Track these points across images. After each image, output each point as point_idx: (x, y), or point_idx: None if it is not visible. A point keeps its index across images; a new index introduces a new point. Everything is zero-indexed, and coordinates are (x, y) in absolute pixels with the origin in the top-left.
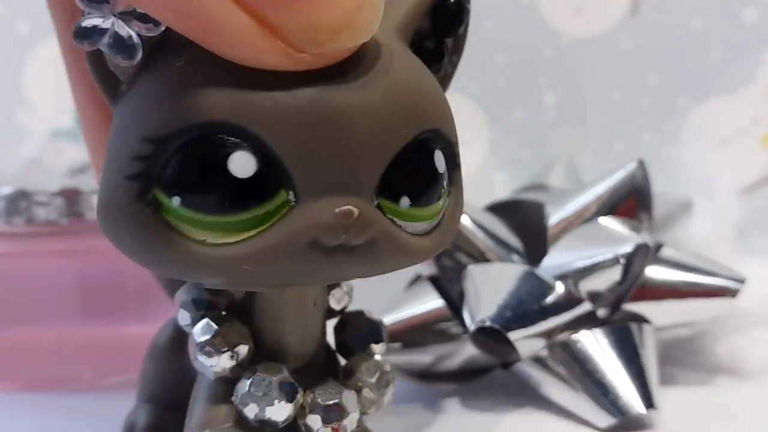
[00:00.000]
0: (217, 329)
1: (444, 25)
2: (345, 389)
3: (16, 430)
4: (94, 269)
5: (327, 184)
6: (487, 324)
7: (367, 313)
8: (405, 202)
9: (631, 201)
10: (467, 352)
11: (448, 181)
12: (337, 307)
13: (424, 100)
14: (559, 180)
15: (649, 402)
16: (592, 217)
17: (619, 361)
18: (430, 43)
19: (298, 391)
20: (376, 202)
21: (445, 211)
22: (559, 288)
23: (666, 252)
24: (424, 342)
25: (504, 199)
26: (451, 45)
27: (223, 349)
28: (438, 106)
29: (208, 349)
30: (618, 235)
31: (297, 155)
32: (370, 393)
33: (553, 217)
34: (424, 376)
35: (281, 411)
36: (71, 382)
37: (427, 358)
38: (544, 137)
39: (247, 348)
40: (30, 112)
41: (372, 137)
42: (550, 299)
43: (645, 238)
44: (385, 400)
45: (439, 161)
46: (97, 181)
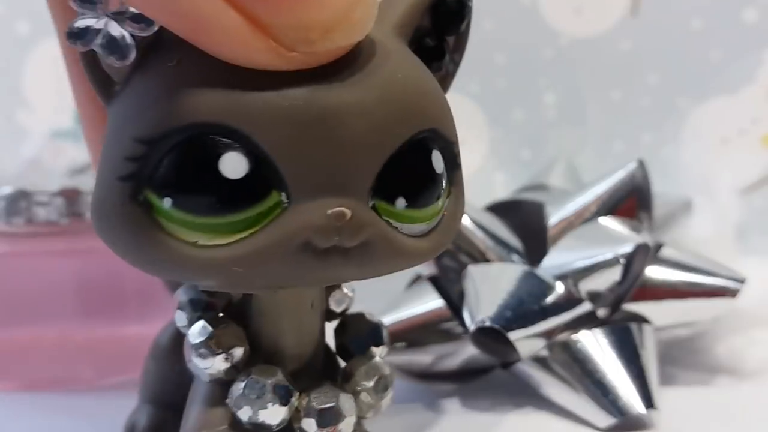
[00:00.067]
0: (212, 331)
1: (444, 23)
2: (342, 393)
3: (16, 430)
4: (94, 269)
5: (320, 185)
6: (487, 324)
7: (368, 316)
8: (401, 203)
9: (631, 201)
10: (467, 352)
11: (447, 182)
12: (338, 309)
13: (420, 99)
14: (559, 180)
15: (649, 402)
16: (592, 217)
17: (619, 361)
18: (431, 42)
19: (292, 394)
20: (371, 203)
21: (444, 212)
22: (559, 288)
23: (666, 252)
24: (424, 342)
25: (504, 199)
26: (452, 43)
27: (218, 351)
28: (436, 105)
29: (203, 351)
30: (618, 235)
31: (289, 156)
32: (368, 397)
33: (553, 217)
34: (424, 376)
35: (275, 414)
36: (71, 382)
37: (427, 358)
38: (544, 137)
39: (242, 350)
40: (30, 112)
41: (366, 137)
42: (550, 299)
43: (645, 238)
44: (384, 404)
45: (437, 161)
46: None
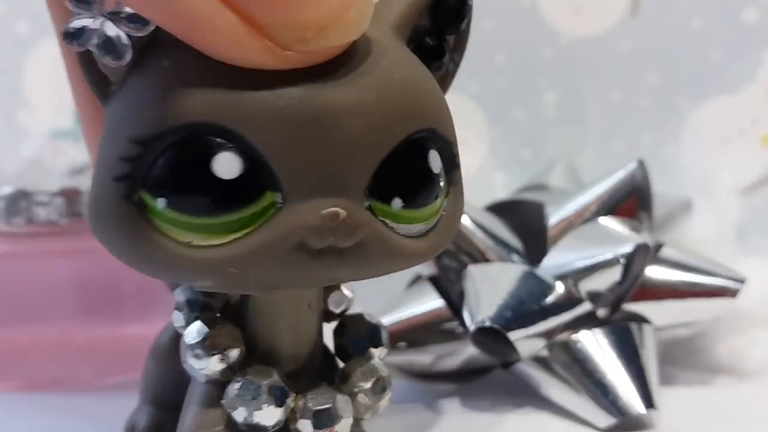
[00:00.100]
0: (207, 332)
1: (444, 22)
2: (338, 394)
3: (16, 430)
4: (94, 269)
5: (315, 186)
6: (487, 324)
7: (367, 317)
8: (397, 203)
9: (631, 201)
10: (467, 352)
11: (446, 182)
12: (337, 310)
13: (417, 98)
14: (559, 180)
15: (649, 402)
16: (592, 217)
17: (619, 361)
18: (431, 41)
19: (288, 396)
20: (366, 204)
21: (443, 212)
22: (559, 288)
23: (666, 252)
24: (424, 342)
25: (504, 199)
26: (452, 42)
27: (213, 352)
28: (434, 105)
29: (198, 352)
30: (618, 235)
31: (283, 156)
32: (365, 398)
33: (553, 217)
34: (424, 376)
35: (270, 415)
36: (71, 382)
37: (427, 358)
38: (544, 137)
39: (238, 351)
40: (30, 112)
41: (361, 137)
42: (550, 299)
43: (645, 238)
44: (381, 405)
45: (435, 161)
46: None
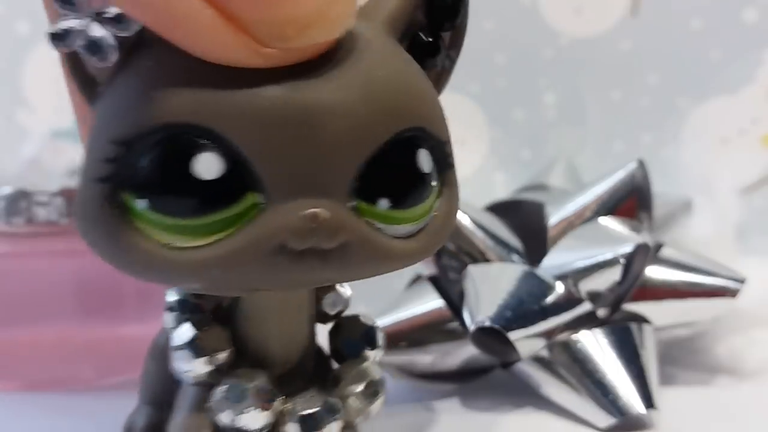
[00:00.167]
0: (195, 334)
1: (439, 18)
2: (327, 398)
3: (16, 430)
4: (94, 269)
5: (297, 186)
6: (487, 324)
7: (362, 318)
8: (384, 203)
9: (631, 201)
10: (467, 352)
11: (439, 182)
12: (332, 311)
13: (405, 97)
14: (559, 180)
15: (649, 402)
16: (592, 217)
17: (619, 361)
18: (426, 37)
19: (275, 399)
20: (352, 204)
21: (435, 213)
22: (559, 288)
23: (666, 252)
24: (424, 342)
25: (504, 199)
26: (448, 39)
27: (200, 355)
28: (423, 103)
29: (185, 354)
30: (618, 235)
31: (264, 156)
32: (356, 402)
33: (553, 217)
34: (424, 376)
35: (255, 419)
36: (71, 382)
37: (427, 358)
38: (544, 137)
39: (226, 354)
40: (30, 112)
41: (344, 137)
42: (550, 299)
43: (645, 238)
44: (373, 409)
45: (424, 161)
46: None
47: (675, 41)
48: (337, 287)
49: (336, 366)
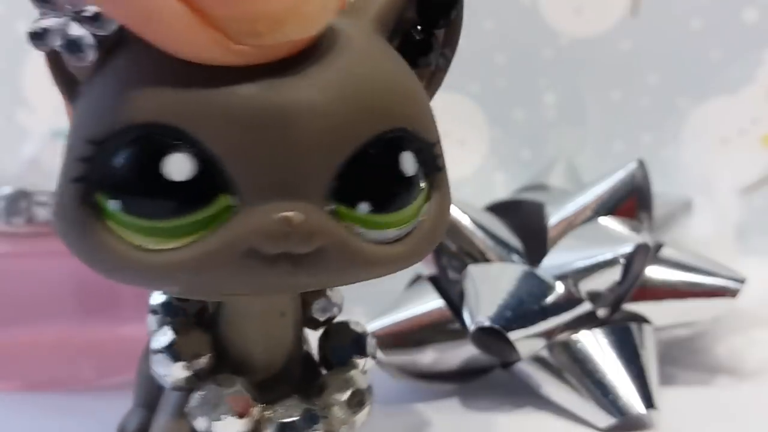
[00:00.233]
0: (173, 338)
1: (432, 15)
2: (307, 406)
3: (16, 430)
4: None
5: (270, 188)
6: (487, 324)
7: (352, 325)
8: (364, 207)
9: (631, 201)
10: (467, 352)
11: (428, 185)
12: (321, 317)
13: (387, 96)
14: (559, 180)
15: (649, 402)
16: (592, 217)
17: (619, 361)
18: (417, 35)
19: (253, 406)
20: (330, 208)
21: (423, 217)
22: (559, 288)
23: (666, 252)
24: (424, 342)
25: (504, 199)
26: (442, 37)
27: (178, 359)
28: (408, 103)
29: (162, 358)
30: (618, 235)
31: (235, 157)
32: (339, 412)
33: (553, 217)
34: (424, 376)
35: (229, 426)
36: (71, 382)
37: (427, 358)
38: (544, 137)
39: (206, 358)
40: (30, 112)
41: (320, 137)
42: (550, 299)
43: (645, 238)
44: (359, 419)
45: (408, 163)
46: None
47: (675, 41)
48: (328, 292)
49: (324, 373)
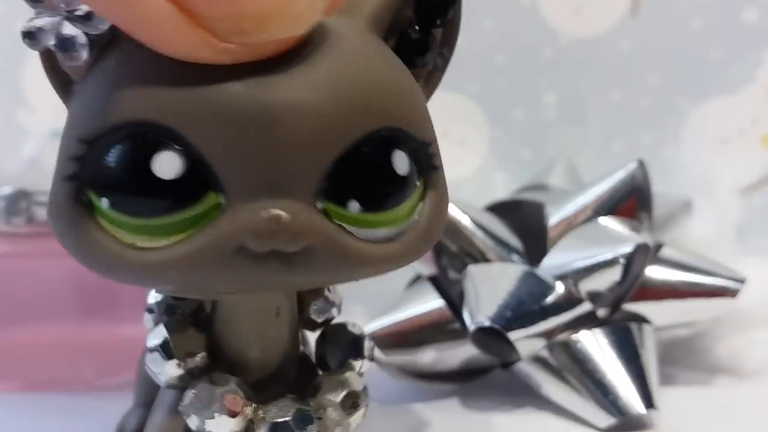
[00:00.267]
0: (166, 336)
1: (429, 14)
2: (300, 407)
3: (16, 430)
4: None
5: (259, 187)
6: (487, 324)
7: (350, 327)
8: (355, 206)
9: (631, 201)
10: (467, 352)
11: (423, 184)
12: (319, 319)
13: (379, 95)
14: (559, 180)
15: (649, 402)
16: (592, 217)
17: (619, 361)
18: (414, 34)
19: (246, 405)
20: (320, 206)
21: (417, 217)
22: (559, 288)
23: (666, 252)
24: (424, 342)
25: (504, 199)
26: (440, 36)
27: (171, 357)
28: (401, 102)
29: (156, 356)
30: (618, 235)
31: (223, 155)
32: (333, 413)
33: (553, 217)
34: (424, 376)
35: (222, 425)
36: (71, 382)
37: (427, 358)
38: (544, 137)
39: (199, 357)
40: (30, 112)
41: (308, 136)
42: (550, 299)
43: (645, 238)
44: (353, 421)
45: (401, 162)
46: None
47: (675, 41)
48: (326, 293)
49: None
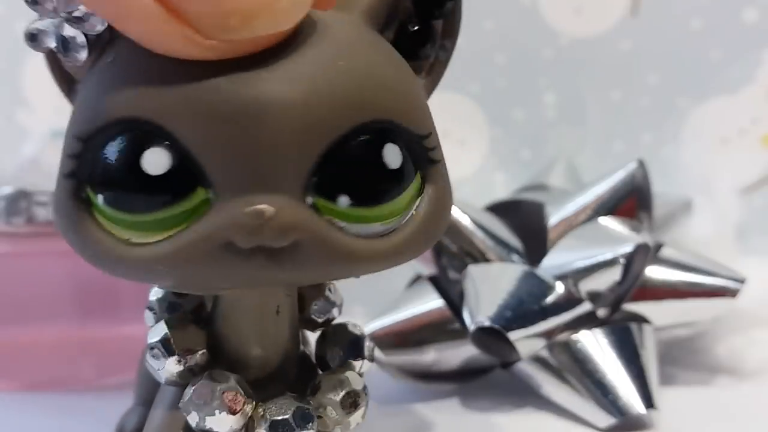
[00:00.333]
0: (166, 333)
1: (427, 5)
2: (300, 405)
3: (16, 430)
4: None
5: (245, 182)
6: (487, 324)
7: (350, 327)
8: (344, 201)
9: (631, 201)
10: (467, 352)
11: (421, 178)
12: (320, 319)
13: (369, 89)
14: (559, 180)
15: (649, 402)
16: (592, 217)
17: (619, 361)
18: (413, 27)
19: (246, 402)
20: (310, 201)
21: (414, 212)
22: (559, 288)
23: (666, 252)
24: (424, 342)
25: (504, 199)
26: (441, 28)
27: (171, 354)
28: (393, 95)
29: (156, 352)
30: (618, 235)
31: (209, 150)
32: (333, 412)
33: (553, 217)
34: (424, 376)
35: (222, 422)
36: (71, 382)
37: (427, 358)
38: (544, 137)
39: (199, 354)
40: (30, 112)
41: (293, 131)
42: (550, 299)
43: (645, 238)
44: (353, 420)
45: (392, 156)
46: None
47: (675, 41)
48: (327, 293)
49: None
